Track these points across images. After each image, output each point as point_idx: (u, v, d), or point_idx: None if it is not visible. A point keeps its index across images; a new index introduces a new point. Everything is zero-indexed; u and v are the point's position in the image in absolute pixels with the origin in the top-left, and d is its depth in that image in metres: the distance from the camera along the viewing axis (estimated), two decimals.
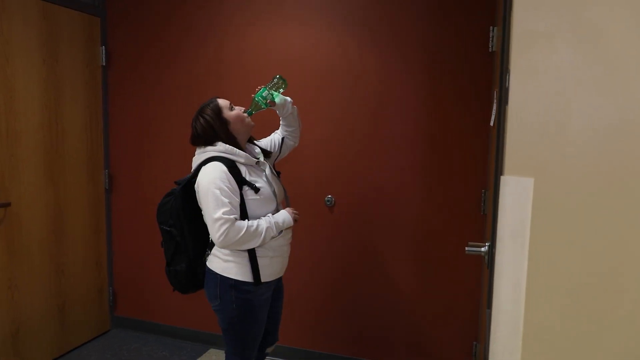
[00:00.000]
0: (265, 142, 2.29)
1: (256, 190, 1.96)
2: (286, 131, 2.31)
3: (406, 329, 2.85)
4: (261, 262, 2.00)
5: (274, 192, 2.05)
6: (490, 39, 2.46)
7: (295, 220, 2.08)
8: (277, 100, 2.13)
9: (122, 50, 3.27)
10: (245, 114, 2.07)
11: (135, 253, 3.39)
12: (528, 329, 1.17)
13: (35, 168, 2.85)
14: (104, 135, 3.34)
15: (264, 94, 2.11)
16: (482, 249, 1.80)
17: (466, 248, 1.82)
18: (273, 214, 2.04)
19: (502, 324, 1.19)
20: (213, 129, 2.00)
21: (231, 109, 2.06)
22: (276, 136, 2.32)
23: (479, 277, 2.68)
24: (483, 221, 2.62)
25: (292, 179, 2.94)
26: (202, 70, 3.08)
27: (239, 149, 2.00)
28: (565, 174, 1.10)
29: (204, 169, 1.93)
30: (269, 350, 2.30)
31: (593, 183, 1.09)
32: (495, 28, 2.36)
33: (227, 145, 1.97)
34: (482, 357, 1.99)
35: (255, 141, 2.23)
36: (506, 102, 1.14)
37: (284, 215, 2.03)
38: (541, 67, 1.06)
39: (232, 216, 1.87)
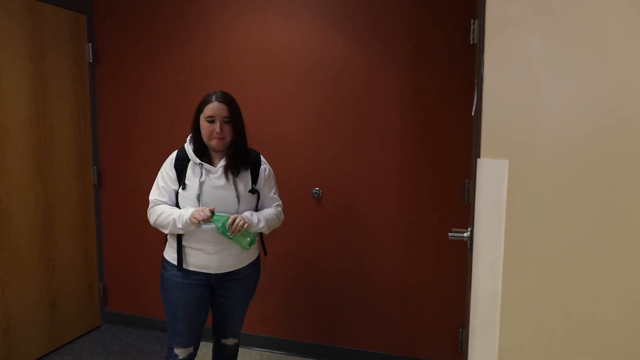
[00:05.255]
0: (263, 180, 2.23)
1: (183, 186, 2.09)
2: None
3: (393, 317, 2.91)
4: (184, 249, 2.13)
5: (198, 196, 2.06)
6: (471, 31, 2.52)
7: (195, 220, 1.97)
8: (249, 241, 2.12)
9: (109, 47, 3.28)
10: (214, 136, 2.06)
11: (126, 248, 3.41)
12: (505, 304, 1.23)
13: (23, 164, 2.86)
14: (93, 131, 3.36)
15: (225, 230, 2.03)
16: (465, 234, 1.85)
17: (449, 234, 1.87)
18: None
19: (481, 300, 1.25)
20: (195, 115, 2.14)
21: (210, 120, 2.05)
22: (266, 203, 2.26)
23: (463, 265, 2.74)
24: (467, 210, 2.68)
25: (279, 171, 2.98)
26: (189, 66, 3.11)
27: (200, 146, 2.12)
28: (537, 155, 1.16)
29: None
30: (225, 342, 2.36)
31: (564, 163, 1.15)
32: (475, 21, 2.42)
33: (188, 140, 2.16)
34: (468, 343, 2.05)
35: (251, 157, 2.19)
36: (481, 88, 1.20)
37: (184, 210, 2.05)
38: (513, 53, 1.11)
39: (154, 197, 2.13)
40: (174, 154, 2.17)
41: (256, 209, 2.22)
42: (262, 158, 2.26)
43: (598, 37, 1.09)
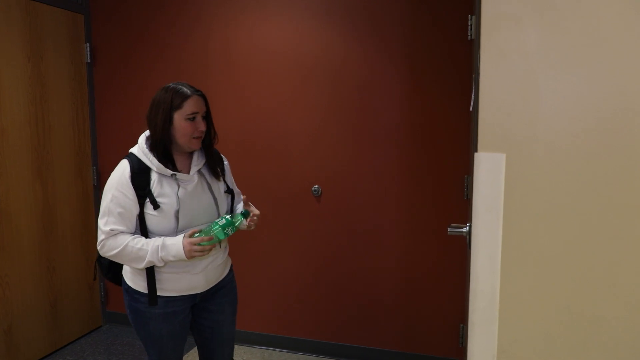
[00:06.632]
0: (229, 176, 1.99)
1: (155, 206, 1.71)
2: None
3: (393, 313, 2.91)
4: (158, 275, 1.78)
5: (177, 213, 1.74)
6: (469, 27, 2.52)
7: (193, 256, 1.70)
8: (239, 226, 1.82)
9: (107, 47, 3.28)
10: (196, 135, 1.77)
11: None
12: (504, 299, 1.23)
13: (22, 165, 2.86)
14: (92, 131, 3.36)
15: (227, 230, 1.74)
16: (464, 229, 1.85)
17: (448, 229, 1.87)
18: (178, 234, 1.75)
19: (480, 295, 1.25)
20: (156, 114, 1.74)
21: (192, 117, 1.73)
22: (236, 199, 2.01)
23: (463, 261, 2.74)
24: (466, 206, 2.68)
25: (279, 169, 2.99)
26: (188, 66, 3.11)
27: (165, 152, 1.76)
28: (534, 149, 1.16)
29: (118, 165, 1.78)
30: None
31: (561, 157, 1.15)
32: (473, 16, 2.42)
33: (145, 147, 1.76)
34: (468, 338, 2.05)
35: (216, 155, 1.91)
36: (478, 83, 1.20)
37: (177, 250, 1.69)
38: (509, 48, 1.11)
39: (111, 227, 1.70)
40: (125, 168, 1.73)
41: (232, 210, 1.98)
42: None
43: (595, 32, 1.09)
